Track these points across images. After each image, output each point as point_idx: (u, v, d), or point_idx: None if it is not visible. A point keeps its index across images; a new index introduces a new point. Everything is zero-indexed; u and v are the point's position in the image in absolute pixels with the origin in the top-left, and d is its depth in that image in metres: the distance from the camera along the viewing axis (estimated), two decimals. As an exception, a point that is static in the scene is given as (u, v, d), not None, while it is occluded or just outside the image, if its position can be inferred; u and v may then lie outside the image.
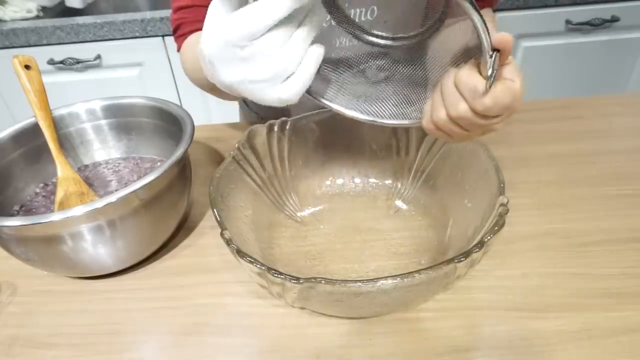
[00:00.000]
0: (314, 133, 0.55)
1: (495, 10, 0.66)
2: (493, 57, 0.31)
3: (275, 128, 0.53)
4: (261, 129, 0.52)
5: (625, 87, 1.32)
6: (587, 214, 0.52)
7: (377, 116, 0.42)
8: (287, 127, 0.53)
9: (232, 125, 0.76)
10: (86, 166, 0.60)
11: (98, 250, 0.45)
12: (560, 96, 1.29)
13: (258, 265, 0.36)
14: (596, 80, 1.30)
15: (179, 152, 0.46)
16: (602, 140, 0.65)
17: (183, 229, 0.56)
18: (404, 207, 0.55)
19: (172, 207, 0.50)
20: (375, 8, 0.40)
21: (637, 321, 0.41)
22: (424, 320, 0.43)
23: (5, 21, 1.20)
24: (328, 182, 0.58)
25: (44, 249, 0.44)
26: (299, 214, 0.55)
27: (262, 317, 0.44)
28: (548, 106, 0.74)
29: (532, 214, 0.53)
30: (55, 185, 0.56)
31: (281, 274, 0.35)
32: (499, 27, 0.66)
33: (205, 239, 0.54)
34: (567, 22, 1.18)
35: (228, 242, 0.38)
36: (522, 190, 0.57)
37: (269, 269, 0.35)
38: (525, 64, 1.26)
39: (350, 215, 0.55)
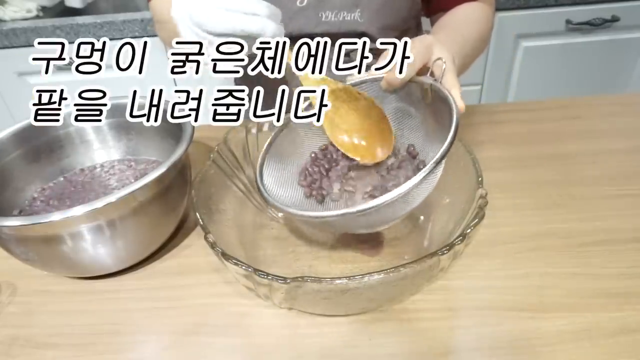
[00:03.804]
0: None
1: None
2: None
3: (253, 130, 0.53)
4: (240, 129, 0.52)
5: (625, 87, 1.32)
6: (587, 214, 0.52)
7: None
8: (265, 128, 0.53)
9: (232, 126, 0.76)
10: (84, 169, 0.60)
11: (98, 250, 0.45)
12: (560, 96, 1.29)
13: (244, 267, 0.36)
14: (596, 80, 1.30)
15: (178, 152, 0.46)
16: (602, 140, 0.65)
17: (183, 229, 0.56)
18: None
19: (172, 207, 0.50)
20: None
21: (637, 321, 0.41)
22: (424, 320, 0.43)
23: (5, 21, 1.19)
24: None
25: (44, 249, 0.44)
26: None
27: (262, 317, 0.44)
28: (548, 106, 0.74)
29: (533, 214, 0.53)
30: (52, 189, 0.56)
31: (268, 274, 0.35)
32: (499, 27, 0.66)
33: (205, 239, 0.54)
34: (567, 22, 1.18)
35: (212, 246, 0.39)
36: (522, 190, 0.57)
37: (256, 270, 0.35)
38: (525, 63, 1.25)
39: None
